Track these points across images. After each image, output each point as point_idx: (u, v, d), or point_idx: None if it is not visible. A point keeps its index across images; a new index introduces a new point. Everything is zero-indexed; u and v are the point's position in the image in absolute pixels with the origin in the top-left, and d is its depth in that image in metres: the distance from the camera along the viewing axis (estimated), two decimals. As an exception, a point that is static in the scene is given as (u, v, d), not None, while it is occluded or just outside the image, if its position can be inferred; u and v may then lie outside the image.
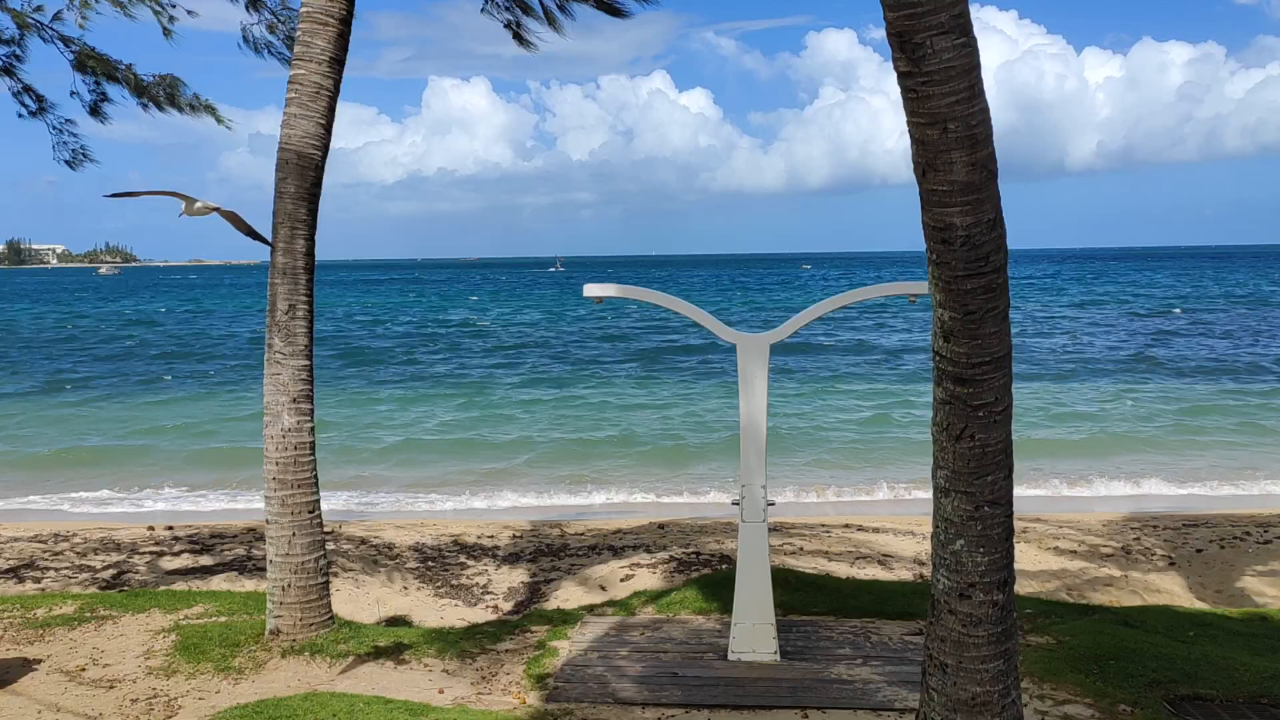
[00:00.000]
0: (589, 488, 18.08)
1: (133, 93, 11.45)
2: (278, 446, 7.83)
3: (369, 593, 11.02)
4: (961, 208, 4.37)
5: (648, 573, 11.07)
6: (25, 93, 11.97)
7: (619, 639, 7.98)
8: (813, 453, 20.69)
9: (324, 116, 7.85)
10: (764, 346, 7.46)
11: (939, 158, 4.33)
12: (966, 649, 4.72)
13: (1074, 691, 6.72)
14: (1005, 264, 4.56)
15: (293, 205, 7.81)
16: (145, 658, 7.64)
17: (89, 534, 13.66)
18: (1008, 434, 4.70)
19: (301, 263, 7.85)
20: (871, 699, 6.72)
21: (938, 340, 4.65)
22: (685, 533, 13.36)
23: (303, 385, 7.87)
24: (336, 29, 7.80)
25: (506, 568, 12.00)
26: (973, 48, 4.28)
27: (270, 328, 7.86)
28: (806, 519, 14.31)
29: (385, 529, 14.06)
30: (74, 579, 11.39)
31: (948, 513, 4.74)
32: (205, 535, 13.58)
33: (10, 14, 11.31)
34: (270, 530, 7.92)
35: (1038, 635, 7.84)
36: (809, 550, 12.10)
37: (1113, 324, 51.40)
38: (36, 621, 8.48)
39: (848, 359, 37.09)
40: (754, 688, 6.93)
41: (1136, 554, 12.26)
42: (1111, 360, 35.49)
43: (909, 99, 4.34)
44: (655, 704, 6.69)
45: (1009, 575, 4.74)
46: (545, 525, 14.34)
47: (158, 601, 9.07)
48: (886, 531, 13.28)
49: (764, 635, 7.42)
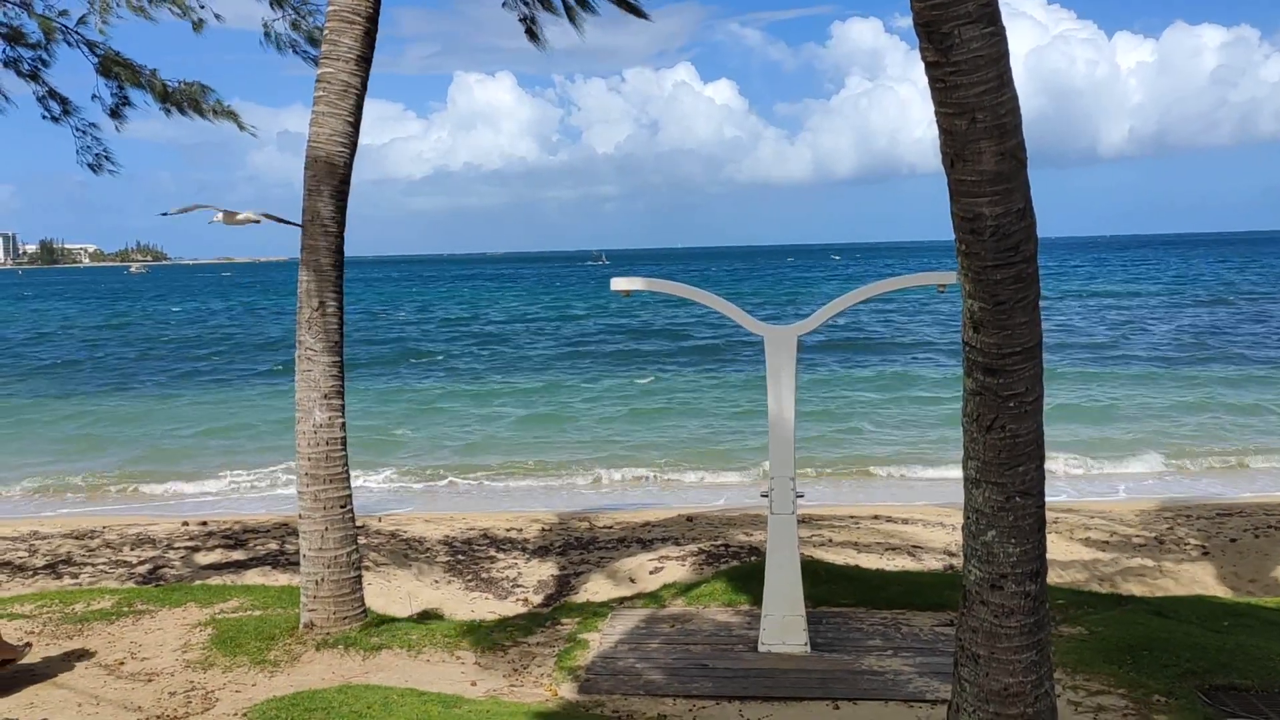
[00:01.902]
0: (615, 478, 18.14)
1: (157, 99, 11.54)
2: (309, 442, 7.90)
3: (400, 586, 11.11)
4: (991, 198, 4.35)
5: (676, 565, 11.09)
6: (50, 97, 12.08)
7: (649, 631, 8.01)
8: (844, 443, 20.66)
9: (352, 114, 7.91)
10: (792, 339, 7.45)
11: (967, 148, 4.31)
12: (999, 640, 4.70)
13: (1107, 682, 6.68)
14: (1035, 253, 4.53)
15: (322, 203, 7.87)
16: (182, 651, 7.75)
17: (124, 529, 13.85)
18: (1039, 424, 4.67)
19: (330, 260, 7.91)
20: (903, 690, 6.71)
21: (967, 330, 4.63)
22: (713, 525, 13.38)
23: (333, 381, 7.93)
24: (363, 27, 7.85)
25: (536, 561, 12.06)
26: (1001, 36, 4.26)
27: (300, 324, 7.94)
28: (835, 510, 14.28)
29: (414, 523, 14.17)
30: (110, 574, 11.55)
31: (979, 503, 4.72)
32: (238, 530, 13.74)
33: (37, 19, 11.41)
34: (303, 525, 8.00)
35: (1070, 626, 7.80)
36: (838, 542, 12.09)
37: (1164, 312, 50.48)
38: (75, 616, 8.61)
39: (880, 352, 36.89)
40: (785, 679, 6.94)
41: (1169, 544, 12.16)
42: (1157, 350, 34.94)
43: (937, 89, 4.32)
44: (686, 695, 6.71)
45: (1041, 566, 4.72)
46: (573, 518, 14.40)
47: (193, 596, 9.20)
48: (916, 522, 13.24)
49: (794, 627, 7.42)
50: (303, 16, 11.26)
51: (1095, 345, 36.80)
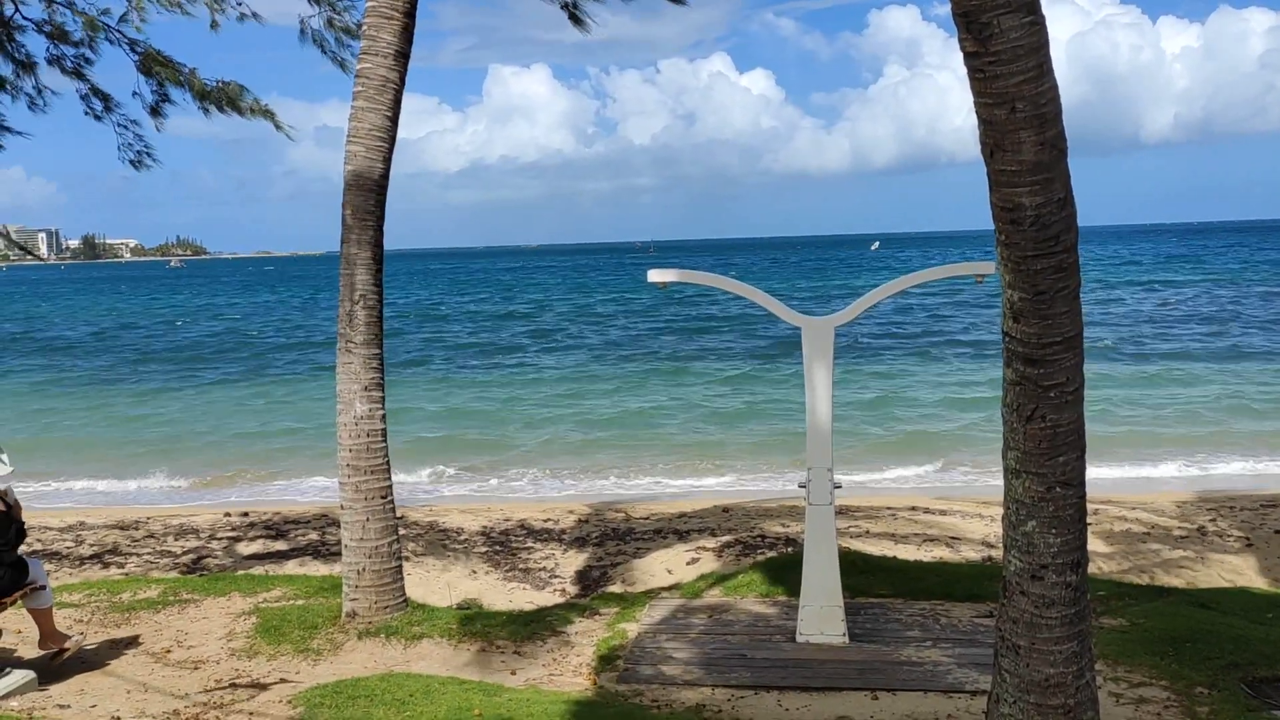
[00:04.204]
0: (652, 469, 18.19)
1: (195, 97, 11.72)
2: (350, 434, 8.00)
3: (439, 576, 11.22)
4: (1030, 187, 4.33)
5: (712, 556, 11.12)
6: (93, 94, 12.27)
7: (686, 621, 8.05)
8: (879, 435, 20.58)
9: (390, 109, 7.97)
10: (829, 329, 7.43)
11: (1007, 138, 4.29)
12: (1039, 630, 4.69)
13: (1149, 674, 6.63)
14: (1076, 243, 4.51)
15: (361, 198, 7.95)
16: (227, 639, 7.88)
17: (167, 520, 14.09)
18: (1079, 414, 4.65)
19: (370, 254, 7.99)
20: (942, 681, 6.70)
21: (1007, 321, 4.62)
22: (749, 515, 13.39)
23: (373, 373, 8.03)
24: (401, 22, 7.91)
25: (573, 551, 12.13)
26: (1041, 25, 4.23)
27: (341, 318, 8.03)
28: (871, 500, 14.24)
29: (450, 513, 14.29)
30: (155, 564, 11.76)
31: (1019, 494, 4.71)
32: (278, 521, 13.93)
33: (82, 18, 11.60)
34: (345, 516, 8.11)
35: (1111, 617, 7.75)
36: (875, 532, 12.05)
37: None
38: (123, 605, 8.78)
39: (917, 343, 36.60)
40: (823, 669, 6.95)
41: (1211, 535, 12.02)
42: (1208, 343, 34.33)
43: (976, 79, 4.30)
44: (725, 685, 6.75)
45: (1082, 556, 4.70)
46: (609, 509, 14.45)
47: (237, 585, 9.34)
48: (954, 513, 13.18)
49: (832, 617, 7.43)
50: (339, 14, 11.37)
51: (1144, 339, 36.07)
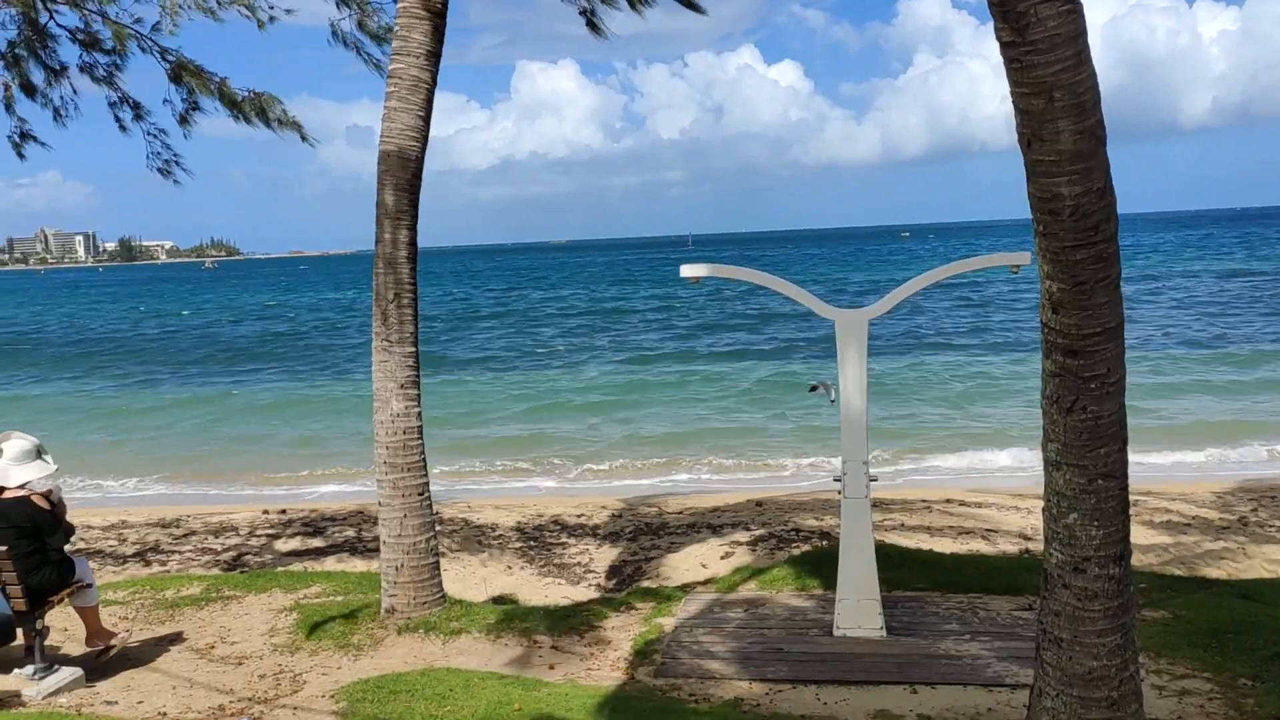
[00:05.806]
0: (686, 464, 18.18)
1: (225, 106, 11.78)
2: (387, 431, 8.06)
3: (475, 572, 11.29)
4: (1069, 177, 4.28)
5: (747, 550, 11.11)
6: (123, 103, 12.35)
7: (722, 615, 8.05)
8: (911, 427, 20.45)
9: (423, 109, 8.02)
10: (862, 322, 7.40)
11: (1045, 127, 4.25)
12: (1082, 623, 4.66)
13: (1192, 666, 6.57)
14: (1116, 232, 4.45)
15: (394, 197, 8.01)
16: (269, 635, 7.98)
17: (206, 518, 14.26)
18: (1121, 405, 4.60)
19: (405, 252, 8.05)
20: (981, 674, 6.67)
21: (1046, 312, 4.58)
22: (783, 509, 13.36)
23: (409, 371, 8.08)
24: (432, 22, 7.95)
25: (607, 546, 12.16)
26: (1078, 12, 4.18)
27: (376, 316, 8.09)
28: (906, 494, 14.17)
29: (484, 509, 14.37)
30: (196, 561, 11.91)
31: (1059, 486, 4.67)
32: (316, 518, 14.06)
33: (111, 26, 11.68)
34: (382, 513, 8.17)
35: (1153, 610, 7.67)
36: (910, 526, 12.00)
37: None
38: (166, 602, 8.91)
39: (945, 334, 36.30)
40: (861, 663, 6.93)
41: (1253, 526, 11.87)
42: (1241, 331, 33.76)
43: (1012, 69, 4.26)
44: (762, 679, 6.75)
45: (1125, 549, 4.66)
46: (641, 504, 14.47)
47: (278, 582, 9.45)
48: (990, 506, 13.09)
49: (869, 611, 7.40)
50: (368, 15, 11.42)
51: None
